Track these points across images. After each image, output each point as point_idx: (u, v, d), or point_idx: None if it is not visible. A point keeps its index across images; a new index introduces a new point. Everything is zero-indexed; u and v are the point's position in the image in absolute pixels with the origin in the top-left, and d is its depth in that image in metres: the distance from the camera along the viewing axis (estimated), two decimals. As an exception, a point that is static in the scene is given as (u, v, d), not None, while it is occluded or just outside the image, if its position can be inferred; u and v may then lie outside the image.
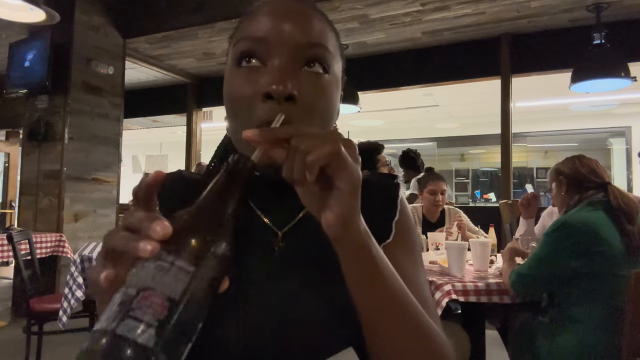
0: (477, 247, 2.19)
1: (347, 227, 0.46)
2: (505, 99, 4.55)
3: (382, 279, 0.49)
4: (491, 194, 9.50)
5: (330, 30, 0.59)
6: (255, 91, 0.54)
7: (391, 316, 0.50)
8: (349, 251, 0.48)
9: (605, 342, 1.66)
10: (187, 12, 4.34)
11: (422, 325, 0.52)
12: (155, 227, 0.36)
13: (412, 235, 0.67)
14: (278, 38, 0.55)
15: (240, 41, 0.57)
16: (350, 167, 0.44)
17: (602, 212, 1.77)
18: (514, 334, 2.02)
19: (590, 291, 1.71)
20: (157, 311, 0.33)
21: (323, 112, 0.56)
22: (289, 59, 0.54)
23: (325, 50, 0.57)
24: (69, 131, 4.27)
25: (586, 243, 1.70)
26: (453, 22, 4.28)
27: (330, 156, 0.43)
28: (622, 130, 8.17)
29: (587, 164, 1.94)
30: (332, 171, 0.44)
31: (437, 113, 7.98)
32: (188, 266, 0.35)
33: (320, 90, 0.56)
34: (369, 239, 0.49)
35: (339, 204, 0.45)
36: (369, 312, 0.50)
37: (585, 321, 1.71)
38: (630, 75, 3.68)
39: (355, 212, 0.47)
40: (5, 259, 3.67)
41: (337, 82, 0.59)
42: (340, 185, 0.44)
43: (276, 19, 0.56)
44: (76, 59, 4.30)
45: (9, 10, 3.01)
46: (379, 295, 0.50)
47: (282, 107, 0.52)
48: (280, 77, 0.52)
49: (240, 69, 0.56)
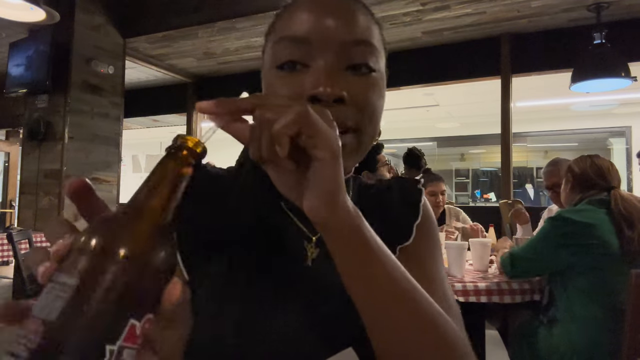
0: (477, 247, 2.19)
1: (333, 207, 0.40)
2: (505, 98, 4.55)
3: (379, 264, 0.44)
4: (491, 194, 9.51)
5: (374, 24, 0.56)
6: (300, 94, 0.50)
7: (392, 304, 0.45)
8: (337, 235, 0.42)
9: (605, 342, 1.67)
10: (187, 12, 4.33)
11: (428, 312, 0.46)
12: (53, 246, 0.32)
13: (433, 237, 0.66)
14: (322, 37, 0.51)
15: (280, 41, 0.53)
16: (325, 131, 0.39)
17: (603, 211, 1.79)
18: (514, 334, 2.02)
19: (587, 288, 1.72)
20: (29, 339, 0.27)
21: (372, 112, 0.54)
22: (334, 59, 0.51)
23: (371, 47, 0.54)
24: (69, 131, 4.27)
25: (580, 236, 1.74)
26: (453, 22, 4.28)
27: (299, 120, 0.37)
28: (622, 130, 8.17)
29: (597, 166, 1.95)
30: (305, 140, 0.38)
31: (437, 113, 7.97)
32: (69, 279, 0.29)
33: (368, 90, 0.53)
34: (359, 219, 0.43)
35: (320, 179, 0.39)
36: (367, 302, 0.45)
37: (585, 321, 1.71)
38: (631, 75, 3.67)
39: (340, 189, 0.41)
40: (5, 258, 3.67)
41: (383, 79, 0.57)
42: (317, 154, 0.38)
43: (318, 15, 0.52)
44: (76, 58, 4.29)
45: (9, 10, 3.00)
46: (377, 282, 0.44)
47: (331, 110, 0.46)
48: (326, 78, 0.49)
49: (281, 71, 0.53)
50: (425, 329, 0.45)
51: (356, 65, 0.52)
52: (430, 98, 6.90)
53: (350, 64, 0.52)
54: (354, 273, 0.44)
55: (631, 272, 1.60)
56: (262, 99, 0.40)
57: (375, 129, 0.55)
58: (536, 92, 6.25)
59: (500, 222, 3.77)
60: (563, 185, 2.06)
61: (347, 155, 0.51)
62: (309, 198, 0.40)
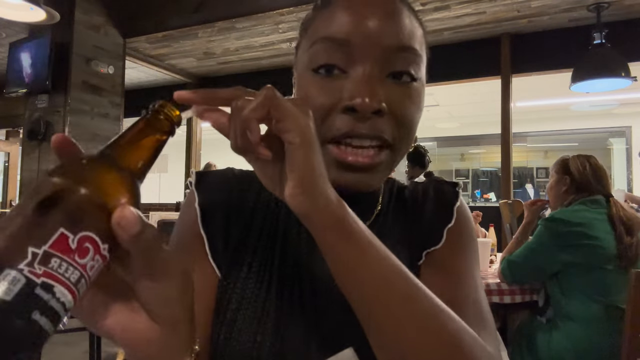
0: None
1: (312, 194, 0.39)
2: (505, 98, 4.55)
3: (368, 257, 0.41)
4: (491, 194, 9.50)
5: (419, 27, 0.53)
6: (336, 102, 0.48)
7: (387, 302, 0.41)
8: (320, 226, 0.40)
9: (604, 342, 1.67)
10: (187, 12, 4.33)
11: (427, 310, 0.41)
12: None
13: (468, 243, 0.61)
14: (364, 41, 0.48)
15: (319, 42, 0.50)
16: (293, 114, 0.38)
17: (597, 210, 1.78)
18: (514, 334, 2.02)
19: (583, 288, 1.72)
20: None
21: (410, 125, 0.51)
22: (374, 67, 0.48)
23: (415, 54, 0.50)
24: (69, 130, 4.26)
25: (576, 236, 1.73)
26: (453, 22, 4.28)
27: (265, 103, 0.37)
28: (622, 130, 8.17)
29: (595, 170, 1.91)
30: (275, 126, 0.38)
31: (437, 113, 7.97)
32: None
33: (409, 100, 0.50)
34: (343, 209, 0.41)
35: (294, 165, 0.38)
36: (356, 298, 0.42)
37: (583, 320, 1.71)
38: (631, 75, 3.67)
39: (317, 175, 0.39)
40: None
41: (424, 87, 0.53)
42: (287, 138, 0.38)
43: (361, 15, 0.49)
44: (76, 58, 4.29)
45: (9, 10, 3.00)
46: (368, 277, 0.41)
47: (369, 122, 0.47)
48: (366, 88, 0.46)
49: (317, 75, 0.50)
50: (425, 329, 0.41)
51: (397, 73, 0.50)
52: (430, 98, 6.90)
53: (391, 71, 0.49)
54: (340, 267, 0.41)
55: (631, 272, 1.60)
56: (241, 91, 0.39)
57: (410, 143, 0.53)
58: (536, 92, 6.25)
59: (500, 222, 3.76)
60: (555, 184, 1.98)
61: (380, 173, 0.51)
62: (288, 187, 0.39)
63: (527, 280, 1.92)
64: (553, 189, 2.00)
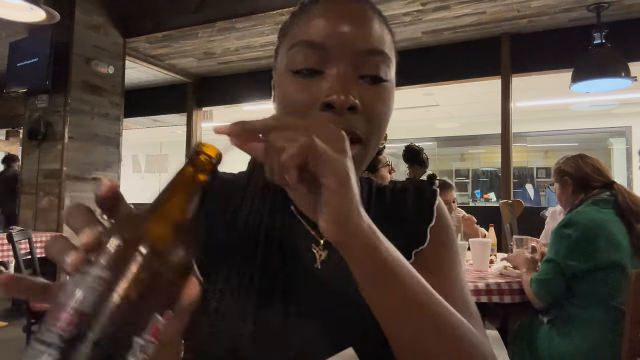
0: (477, 247, 2.19)
1: (346, 228, 0.41)
2: (505, 98, 4.55)
3: (398, 280, 0.44)
4: (491, 194, 9.51)
5: (388, 32, 0.57)
6: (314, 100, 0.52)
7: (413, 319, 0.45)
8: (354, 254, 0.43)
9: (605, 342, 1.66)
10: (187, 12, 4.33)
11: (449, 324, 0.46)
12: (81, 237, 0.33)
13: (450, 240, 0.64)
14: (338, 45, 0.52)
15: (297, 45, 0.54)
16: (331, 160, 0.39)
17: (610, 210, 1.77)
18: (514, 334, 2.02)
19: (593, 290, 1.71)
20: (64, 329, 0.28)
21: (380, 122, 0.55)
22: (348, 67, 0.52)
23: (385, 57, 0.55)
24: (69, 130, 4.27)
25: (592, 240, 1.70)
26: (453, 22, 4.28)
27: (304, 152, 0.38)
28: (622, 130, 8.17)
29: (590, 163, 1.93)
30: (313, 168, 0.39)
31: (437, 113, 7.97)
32: (102, 272, 0.30)
33: (379, 99, 0.54)
34: (375, 237, 0.43)
35: (330, 204, 0.40)
36: (388, 317, 0.46)
37: (587, 322, 1.71)
38: (631, 75, 3.67)
39: (353, 210, 0.41)
40: (5, 258, 3.67)
41: (393, 88, 0.58)
42: (325, 182, 0.39)
43: (335, 21, 0.53)
44: (76, 58, 4.29)
45: (9, 10, 3.01)
46: (397, 298, 0.45)
47: (344, 118, 0.50)
48: (341, 86, 0.50)
49: (296, 76, 0.53)
50: (448, 341, 0.46)
51: (369, 75, 0.54)
52: (430, 98, 6.90)
53: (363, 73, 0.53)
54: (372, 290, 0.45)
55: (631, 272, 1.59)
56: (275, 122, 0.41)
57: (380, 140, 0.56)
58: (536, 92, 6.25)
59: (500, 222, 3.77)
60: (560, 190, 2.00)
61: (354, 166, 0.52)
62: (323, 220, 0.41)
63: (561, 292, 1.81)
64: (562, 196, 2.00)
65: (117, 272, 0.30)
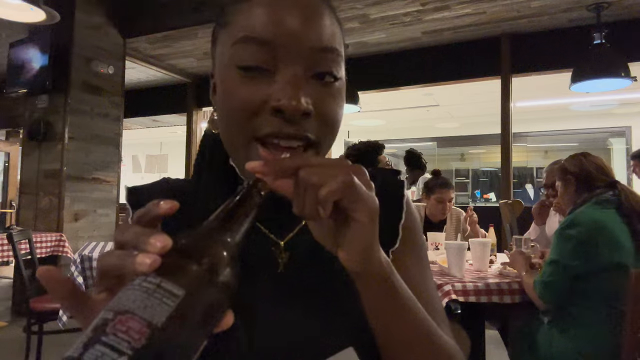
0: (477, 247, 2.19)
1: (368, 260, 0.44)
2: (505, 99, 4.55)
3: (405, 311, 0.48)
4: (491, 194, 9.51)
5: (338, 27, 0.54)
6: (263, 103, 0.48)
7: (413, 346, 0.49)
8: (369, 285, 0.45)
9: (606, 342, 1.66)
10: (187, 12, 4.33)
11: (443, 351, 0.51)
12: (154, 241, 0.32)
13: (419, 239, 0.63)
14: (289, 42, 0.48)
15: (242, 41, 0.49)
16: (366, 198, 0.41)
17: (613, 211, 1.76)
18: (514, 334, 2.02)
19: (595, 291, 1.70)
20: (134, 338, 0.28)
21: (334, 123, 0.52)
22: (300, 67, 0.49)
23: (337, 55, 0.52)
24: (69, 131, 4.27)
25: (595, 241, 1.69)
26: (453, 22, 4.28)
27: (344, 189, 0.40)
28: (622, 130, 8.17)
29: (593, 162, 1.91)
30: (347, 204, 0.41)
31: (437, 113, 7.97)
32: (176, 289, 0.30)
33: (333, 100, 0.52)
34: (389, 269, 0.46)
35: (357, 238, 0.42)
36: (391, 343, 0.49)
37: (589, 323, 1.70)
38: (630, 75, 3.67)
39: (375, 244, 0.44)
40: (5, 258, 3.67)
41: (344, 86, 0.55)
42: (357, 217, 0.41)
43: (284, 15, 0.49)
44: (76, 58, 4.30)
45: (9, 10, 3.01)
46: (402, 327, 0.48)
47: (295, 123, 0.48)
48: (293, 92, 0.47)
49: (242, 74, 0.49)
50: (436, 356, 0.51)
51: (321, 74, 0.50)
52: (430, 98, 6.91)
53: (315, 72, 0.50)
54: (379, 316, 0.47)
55: (631, 272, 1.59)
56: (306, 161, 0.42)
57: (333, 140, 0.54)
58: (536, 92, 6.25)
59: (500, 222, 3.77)
60: (562, 189, 1.98)
61: None
62: (346, 250, 0.43)
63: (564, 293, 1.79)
64: (564, 195, 1.98)
65: (189, 292, 0.31)
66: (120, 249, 0.35)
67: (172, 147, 9.51)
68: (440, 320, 0.55)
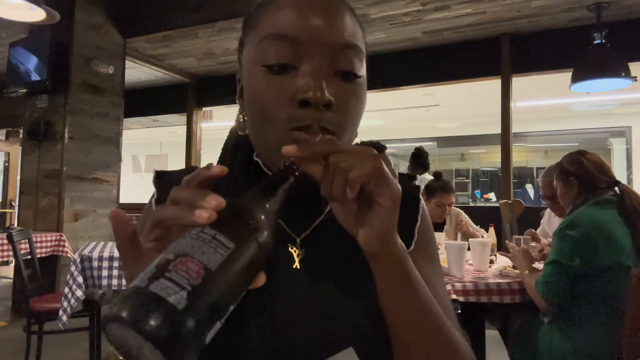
0: (477, 247, 2.19)
1: (386, 243, 0.46)
2: (505, 98, 4.56)
3: (418, 296, 0.49)
4: (491, 194, 9.52)
5: (359, 26, 0.56)
6: (289, 97, 0.50)
7: (424, 333, 0.50)
8: (385, 268, 0.47)
9: (605, 343, 1.66)
10: (188, 12, 4.34)
11: (452, 341, 0.52)
12: (210, 200, 0.37)
13: (432, 242, 0.65)
14: (313, 38, 0.51)
15: (267, 39, 0.52)
16: (392, 183, 0.44)
17: (613, 211, 1.75)
18: (514, 334, 2.01)
19: (595, 291, 1.70)
20: (192, 277, 0.33)
21: (354, 119, 0.54)
22: (323, 62, 0.51)
23: (359, 51, 0.54)
24: (69, 130, 4.27)
25: (594, 242, 1.68)
26: (453, 22, 4.28)
27: (373, 173, 0.43)
28: (622, 130, 8.17)
29: (593, 161, 1.89)
30: (373, 188, 0.43)
31: (437, 113, 7.98)
32: (228, 242, 0.35)
33: (354, 97, 0.53)
34: (405, 255, 0.48)
35: (379, 220, 0.45)
36: (402, 329, 0.50)
37: (589, 323, 1.70)
38: (631, 75, 3.68)
39: (394, 228, 0.46)
40: (5, 258, 3.67)
41: (365, 84, 0.57)
42: (381, 201, 0.44)
43: (308, 13, 0.51)
44: (76, 58, 4.30)
45: (9, 10, 3.01)
46: (414, 313, 0.49)
47: (319, 114, 0.50)
48: (317, 83, 0.49)
49: (268, 70, 0.52)
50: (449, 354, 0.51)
51: (344, 71, 0.52)
52: (430, 98, 6.91)
53: (338, 69, 0.52)
54: (395, 302, 0.49)
55: (631, 272, 1.59)
56: (336, 146, 0.45)
57: (352, 136, 0.56)
58: (536, 92, 6.26)
59: (500, 222, 3.77)
60: (563, 190, 1.96)
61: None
62: (366, 232, 0.45)
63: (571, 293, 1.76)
64: (565, 196, 1.95)
65: (238, 245, 0.36)
66: (176, 204, 0.39)
67: (172, 147, 9.51)
68: (450, 318, 0.56)
